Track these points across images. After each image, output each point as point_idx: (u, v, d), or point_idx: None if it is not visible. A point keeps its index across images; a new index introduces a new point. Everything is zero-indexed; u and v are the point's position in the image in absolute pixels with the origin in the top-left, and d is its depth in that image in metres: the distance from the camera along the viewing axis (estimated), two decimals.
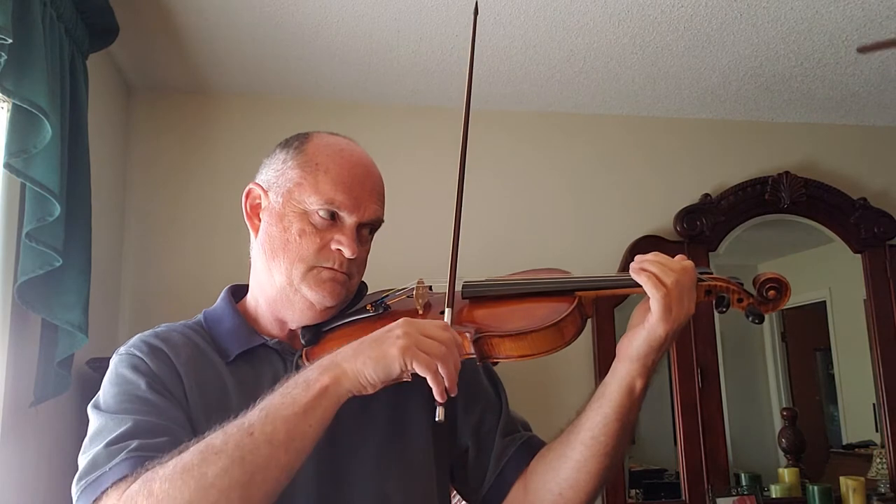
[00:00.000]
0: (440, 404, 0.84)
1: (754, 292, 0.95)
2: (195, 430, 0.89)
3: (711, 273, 0.95)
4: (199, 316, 1.06)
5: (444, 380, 0.82)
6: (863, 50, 2.44)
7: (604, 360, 2.88)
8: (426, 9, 2.28)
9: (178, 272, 2.68)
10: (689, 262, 0.92)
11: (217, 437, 0.79)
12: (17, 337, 1.80)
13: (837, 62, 2.69)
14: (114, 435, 0.83)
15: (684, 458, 2.87)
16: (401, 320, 0.85)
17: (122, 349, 0.96)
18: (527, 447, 1.03)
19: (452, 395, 0.84)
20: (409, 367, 0.82)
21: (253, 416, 0.80)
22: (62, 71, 1.83)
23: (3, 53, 1.51)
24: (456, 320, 0.95)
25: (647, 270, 0.89)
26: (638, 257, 0.92)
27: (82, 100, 1.99)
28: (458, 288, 1.00)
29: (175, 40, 2.43)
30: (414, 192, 2.78)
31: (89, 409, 0.91)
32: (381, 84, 2.80)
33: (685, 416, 2.89)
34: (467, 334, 0.91)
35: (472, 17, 1.09)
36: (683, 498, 2.86)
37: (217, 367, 0.97)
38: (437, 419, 0.84)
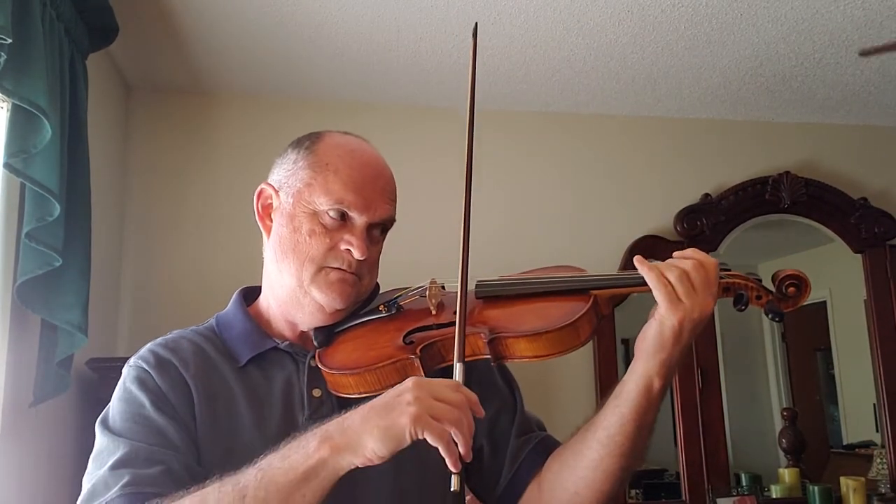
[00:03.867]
0: (455, 473, 0.78)
1: (773, 289, 0.93)
2: (199, 446, 0.90)
3: (730, 270, 0.94)
4: (212, 320, 1.05)
5: (459, 446, 0.77)
6: (864, 53, 2.44)
7: (603, 359, 2.88)
8: (426, 9, 2.27)
9: (178, 272, 2.68)
10: (709, 259, 0.90)
11: (212, 494, 0.79)
12: (17, 337, 1.79)
13: (838, 62, 2.69)
14: (112, 460, 0.86)
15: (684, 459, 2.87)
16: (411, 382, 0.79)
17: (132, 359, 0.97)
18: (542, 447, 1.01)
19: (468, 462, 0.79)
20: (421, 436, 0.76)
21: (249, 476, 0.79)
22: (62, 71, 1.83)
23: (2, 53, 1.51)
24: (470, 321, 0.93)
25: (653, 263, 0.89)
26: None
27: (82, 99, 1.99)
28: (472, 287, 0.99)
29: (175, 40, 2.43)
30: (414, 191, 2.77)
31: (97, 425, 0.92)
32: (381, 84, 2.80)
33: (685, 416, 2.89)
34: (482, 335, 0.90)
35: (472, 39, 1.03)
36: (684, 498, 2.86)
37: (226, 375, 0.96)
38: (451, 489, 0.78)
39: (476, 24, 1.05)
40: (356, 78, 2.75)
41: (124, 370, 0.96)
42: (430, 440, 0.76)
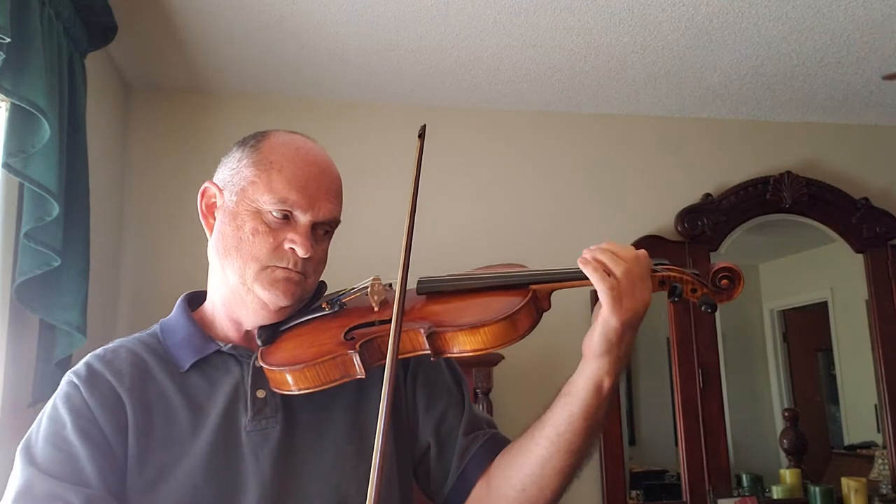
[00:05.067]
0: None
1: (708, 282, 0.94)
2: (132, 463, 0.89)
3: (666, 263, 0.95)
4: (156, 326, 1.04)
5: None
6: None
7: None
8: (426, 9, 2.27)
9: (177, 272, 2.67)
10: (642, 252, 0.91)
11: None
12: (16, 337, 1.79)
13: (839, 62, 2.68)
14: (16, 491, 0.87)
15: (685, 459, 2.86)
16: None
17: (70, 371, 0.96)
18: (490, 444, 1.00)
19: None
20: None
21: None
22: (60, 70, 1.82)
23: (1, 52, 1.50)
24: (410, 316, 0.95)
25: (596, 260, 0.88)
26: (588, 248, 0.90)
27: (81, 99, 1.98)
28: (413, 284, 1.00)
29: (174, 39, 2.43)
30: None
31: (20, 445, 0.92)
32: (381, 84, 2.80)
33: (686, 417, 2.88)
34: (421, 330, 0.91)
35: (418, 140, 1.01)
36: (684, 499, 2.85)
37: (164, 384, 0.95)
38: None
39: (424, 125, 1.02)
40: (356, 78, 2.74)
41: (62, 382, 0.95)
42: None
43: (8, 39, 1.49)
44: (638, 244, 3.29)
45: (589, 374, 0.90)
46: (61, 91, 1.81)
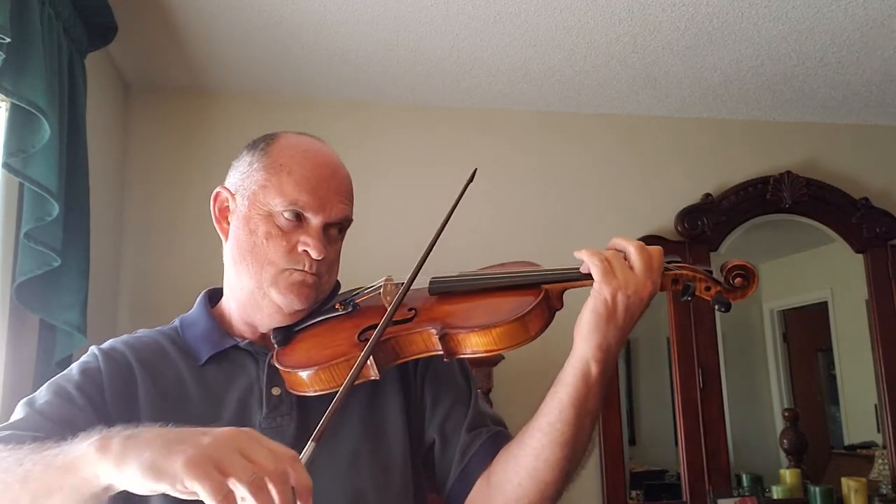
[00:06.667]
0: None
1: (721, 280, 0.93)
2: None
3: (678, 261, 0.94)
4: (176, 321, 1.07)
5: None
6: None
7: None
8: (426, 8, 2.27)
9: (177, 271, 2.67)
10: (653, 248, 0.92)
11: (15, 454, 0.73)
12: (16, 337, 1.79)
13: (839, 62, 2.68)
14: (10, 422, 0.89)
15: (685, 459, 2.86)
16: (229, 429, 0.67)
17: (94, 345, 1.00)
18: (492, 441, 1.00)
19: None
20: (190, 487, 0.62)
21: (36, 452, 0.72)
22: (60, 70, 1.82)
23: (1, 52, 1.51)
24: (423, 317, 0.95)
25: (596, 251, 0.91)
26: None
27: (81, 99, 1.98)
28: (426, 283, 1.01)
29: (174, 39, 2.43)
30: (414, 189, 2.78)
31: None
32: (381, 84, 2.80)
33: (686, 417, 2.88)
34: (433, 331, 0.91)
35: (468, 179, 1.07)
36: (684, 499, 2.85)
37: (182, 374, 0.98)
38: None
39: (475, 170, 1.08)
40: (356, 78, 2.74)
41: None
42: (200, 493, 0.62)
43: (8, 39, 1.50)
44: None
45: (576, 358, 0.90)
46: (61, 91, 1.81)
